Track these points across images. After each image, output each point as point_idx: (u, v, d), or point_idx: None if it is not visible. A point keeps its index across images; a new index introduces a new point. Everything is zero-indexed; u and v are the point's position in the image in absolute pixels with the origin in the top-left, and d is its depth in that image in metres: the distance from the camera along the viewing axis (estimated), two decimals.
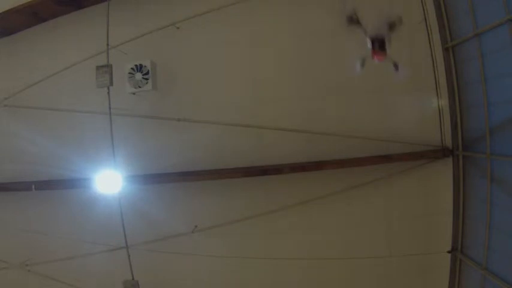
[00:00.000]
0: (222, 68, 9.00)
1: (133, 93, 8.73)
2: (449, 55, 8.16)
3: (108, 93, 8.26)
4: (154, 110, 9.07)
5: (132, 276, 8.47)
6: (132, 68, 8.61)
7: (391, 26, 6.39)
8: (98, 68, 8.34)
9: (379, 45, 6.31)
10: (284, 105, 8.82)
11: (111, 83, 8.28)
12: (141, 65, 8.58)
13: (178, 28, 8.90)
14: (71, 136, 9.32)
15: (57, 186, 9.21)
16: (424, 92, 8.44)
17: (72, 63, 9.12)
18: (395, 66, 6.57)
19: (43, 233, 9.35)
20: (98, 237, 9.13)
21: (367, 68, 8.47)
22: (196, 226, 9.04)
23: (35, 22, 9.38)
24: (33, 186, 9.00)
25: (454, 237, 8.40)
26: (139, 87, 8.60)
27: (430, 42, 8.24)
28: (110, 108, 8.23)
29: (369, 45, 6.43)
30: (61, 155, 9.12)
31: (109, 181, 8.24)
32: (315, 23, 8.66)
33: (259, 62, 8.92)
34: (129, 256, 8.50)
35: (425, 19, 8.22)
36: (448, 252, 8.48)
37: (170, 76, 9.06)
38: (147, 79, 8.57)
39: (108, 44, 8.28)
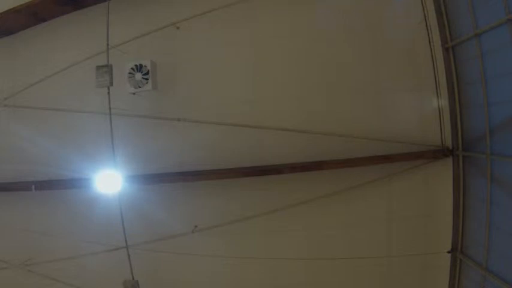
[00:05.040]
0: (222, 68, 8.99)
1: (134, 93, 8.72)
2: (449, 55, 8.15)
3: (108, 93, 8.27)
4: (154, 110, 9.07)
5: (132, 276, 8.47)
6: (132, 68, 8.59)
7: None
8: (98, 68, 8.34)
9: None
10: (284, 105, 8.82)
11: (111, 83, 8.28)
12: (141, 65, 8.57)
13: (178, 28, 8.90)
14: (71, 136, 9.31)
15: (57, 186, 9.21)
16: (424, 92, 8.44)
17: (72, 63, 9.13)
18: None
19: (43, 233, 9.35)
20: (98, 237, 9.12)
21: (366, 67, 8.54)
22: (196, 226, 9.04)
23: (35, 22, 9.37)
24: (33, 186, 8.99)
25: (454, 237, 8.40)
26: (139, 87, 8.60)
27: (430, 42, 8.23)
28: (110, 108, 8.23)
29: None
30: (61, 155, 9.13)
31: (109, 181, 8.24)
32: (315, 23, 8.66)
33: (259, 62, 8.92)
34: (129, 256, 8.50)
35: (425, 19, 8.21)
36: (448, 252, 8.48)
37: (170, 76, 9.06)
38: (147, 79, 8.57)
39: (108, 44, 8.28)
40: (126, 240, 8.54)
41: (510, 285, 6.69)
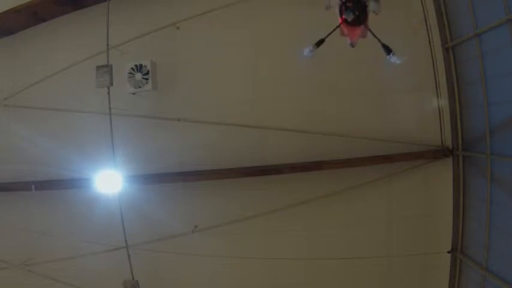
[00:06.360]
0: (222, 68, 8.99)
1: (134, 93, 8.72)
2: (449, 55, 8.16)
3: (108, 93, 8.27)
4: (154, 110, 9.07)
5: (132, 276, 8.48)
6: (132, 68, 8.61)
7: None
8: (98, 68, 8.35)
9: (355, 12, 4.55)
10: (284, 105, 8.82)
11: (111, 83, 8.28)
12: (141, 65, 8.59)
13: (178, 28, 8.90)
14: (71, 136, 9.32)
15: (57, 186, 9.21)
16: (424, 92, 8.44)
17: (72, 63, 9.13)
18: (386, 48, 4.98)
19: (43, 233, 9.35)
20: (98, 237, 9.12)
21: (366, 67, 8.52)
22: (196, 226, 9.04)
23: (35, 22, 9.38)
24: (33, 186, 9.00)
25: (454, 237, 8.40)
26: (139, 87, 8.61)
27: (430, 42, 8.23)
28: (110, 108, 8.23)
29: (337, 10, 4.87)
30: (61, 155, 9.12)
31: (109, 181, 8.24)
32: (315, 23, 8.63)
33: (259, 62, 8.92)
34: (129, 256, 8.50)
35: (425, 19, 8.21)
36: (448, 252, 8.48)
37: (170, 76, 9.06)
38: (147, 79, 8.57)
39: (108, 44, 8.29)
40: (126, 240, 8.55)
41: (510, 285, 6.69)
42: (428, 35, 8.21)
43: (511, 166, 6.80)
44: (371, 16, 4.93)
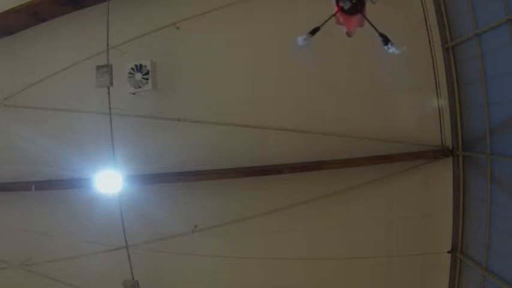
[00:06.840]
0: (222, 68, 8.99)
1: (134, 93, 8.72)
2: (449, 55, 8.16)
3: (108, 93, 8.28)
4: (154, 110, 9.07)
5: (132, 276, 8.48)
6: (132, 68, 8.60)
7: None
8: (98, 68, 8.35)
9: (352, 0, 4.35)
10: (284, 105, 8.83)
11: (111, 83, 8.29)
12: (141, 65, 8.59)
13: (178, 28, 8.90)
14: (70, 136, 9.32)
15: (57, 186, 9.21)
16: (424, 92, 8.44)
17: (72, 63, 9.13)
18: (384, 38, 4.73)
19: (43, 233, 9.35)
20: (98, 237, 9.12)
21: (367, 66, 8.52)
22: (196, 226, 9.04)
23: (35, 22, 9.38)
24: (33, 186, 9.00)
25: (454, 237, 8.40)
26: (139, 87, 8.61)
27: (430, 42, 8.23)
28: (110, 108, 8.23)
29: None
30: (61, 155, 9.12)
31: (109, 181, 8.24)
32: (315, 23, 8.64)
33: (259, 62, 8.92)
34: (129, 256, 8.51)
35: (425, 19, 8.21)
36: (448, 252, 8.48)
37: (170, 76, 9.06)
38: (147, 79, 8.58)
39: (108, 44, 8.29)
40: (126, 240, 8.55)
41: (510, 285, 6.69)
42: (428, 35, 8.21)
43: (511, 166, 6.80)
44: (368, 6, 4.90)
